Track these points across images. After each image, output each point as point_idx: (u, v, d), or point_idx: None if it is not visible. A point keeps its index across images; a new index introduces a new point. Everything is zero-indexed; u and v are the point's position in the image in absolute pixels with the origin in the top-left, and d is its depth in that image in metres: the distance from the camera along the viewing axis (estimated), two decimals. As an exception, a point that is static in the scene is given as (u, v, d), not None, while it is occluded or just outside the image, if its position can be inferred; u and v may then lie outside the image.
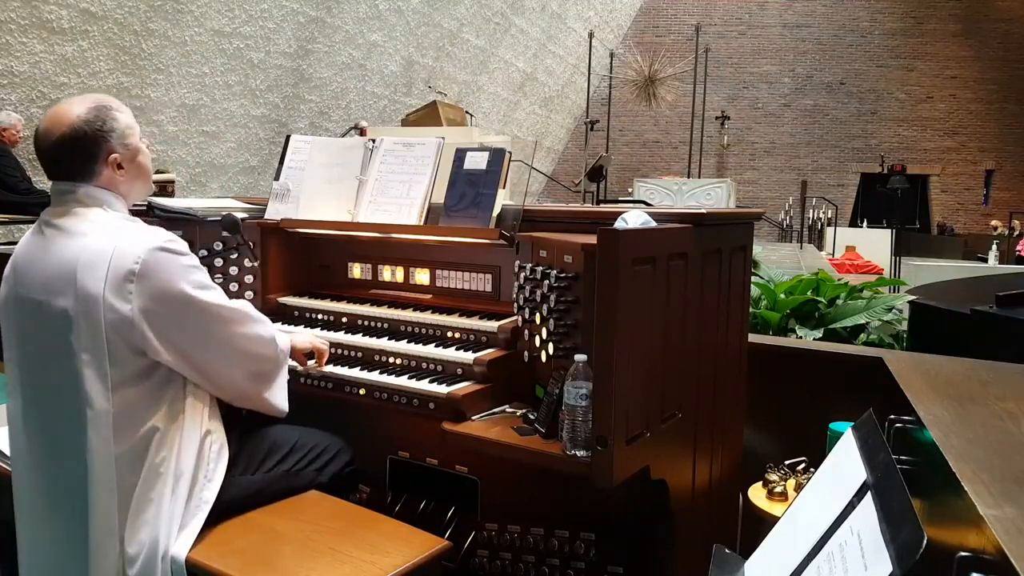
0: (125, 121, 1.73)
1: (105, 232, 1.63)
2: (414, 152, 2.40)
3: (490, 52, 13.11)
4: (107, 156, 1.69)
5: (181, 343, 1.64)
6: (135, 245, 1.59)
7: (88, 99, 1.71)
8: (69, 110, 1.67)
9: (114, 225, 1.65)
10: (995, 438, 1.38)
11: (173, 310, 1.62)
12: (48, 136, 1.66)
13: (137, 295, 1.57)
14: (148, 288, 1.58)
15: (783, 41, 17.17)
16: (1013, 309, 3.08)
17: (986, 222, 15.78)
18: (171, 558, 1.62)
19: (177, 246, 1.65)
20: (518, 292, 1.96)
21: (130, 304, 1.56)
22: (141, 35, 7.29)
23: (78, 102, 1.69)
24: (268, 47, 8.77)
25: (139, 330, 1.57)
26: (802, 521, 1.27)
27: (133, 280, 1.57)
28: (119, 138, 1.70)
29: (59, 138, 1.65)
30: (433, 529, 1.87)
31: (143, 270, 1.57)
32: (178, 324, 1.63)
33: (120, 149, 1.71)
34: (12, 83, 6.52)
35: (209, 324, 1.68)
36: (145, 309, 1.58)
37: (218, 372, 1.72)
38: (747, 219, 2.30)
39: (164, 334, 1.61)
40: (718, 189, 11.77)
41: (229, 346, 1.73)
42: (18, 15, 6.24)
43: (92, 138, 1.66)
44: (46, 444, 1.68)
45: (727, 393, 2.15)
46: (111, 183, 1.71)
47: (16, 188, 6.24)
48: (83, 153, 1.67)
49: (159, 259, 1.60)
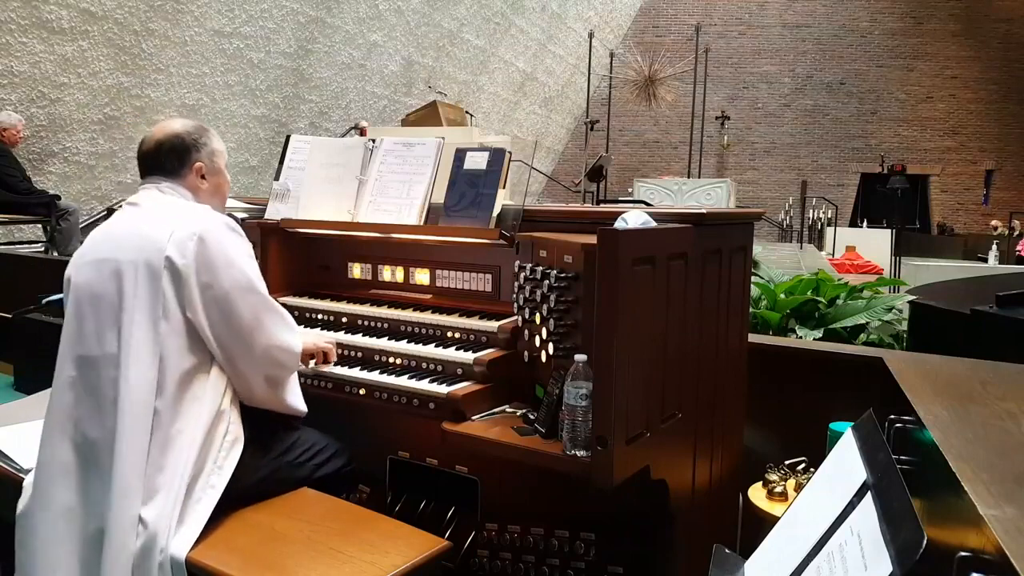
0: (219, 146, 1.99)
1: (177, 207, 1.84)
2: (414, 152, 2.40)
3: (490, 52, 13.10)
4: (195, 163, 1.92)
5: (219, 310, 1.74)
6: (204, 216, 1.80)
7: (192, 121, 2.01)
8: (174, 123, 1.96)
9: (187, 204, 1.88)
10: (995, 438, 1.38)
11: (224, 278, 1.74)
12: (151, 139, 1.92)
13: (196, 254, 1.72)
14: (207, 252, 1.73)
15: (783, 41, 17.17)
16: (1013, 309, 3.08)
17: (986, 222, 15.78)
18: (170, 556, 1.62)
19: (241, 231, 1.84)
20: (518, 292, 1.96)
21: (186, 259, 1.71)
22: (141, 35, 7.29)
23: (183, 120, 1.98)
24: (268, 47, 8.77)
25: (188, 284, 1.71)
26: (802, 521, 1.27)
27: (194, 240, 1.72)
28: (209, 154, 1.95)
29: (160, 140, 1.90)
30: (433, 529, 1.87)
31: (205, 235, 1.74)
32: (224, 292, 1.74)
33: (207, 162, 1.94)
34: (12, 83, 6.52)
35: (250, 303, 1.79)
36: (199, 268, 1.72)
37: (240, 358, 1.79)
38: (747, 219, 2.30)
39: (207, 296, 1.73)
40: (718, 189, 11.77)
41: (257, 333, 1.80)
42: (18, 15, 6.24)
43: (188, 145, 1.92)
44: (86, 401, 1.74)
45: (727, 393, 2.15)
46: (193, 187, 1.92)
47: (16, 188, 6.24)
48: (177, 155, 1.90)
49: (223, 231, 1.78)
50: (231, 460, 1.75)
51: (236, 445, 1.77)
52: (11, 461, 2.09)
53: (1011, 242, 13.47)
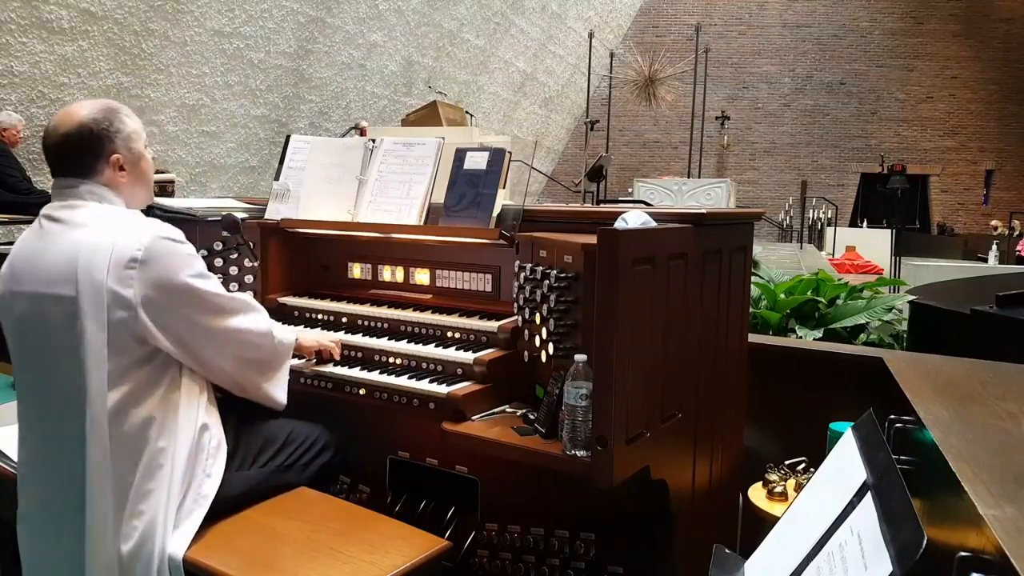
0: (132, 126, 1.77)
1: (106, 223, 1.66)
2: (414, 152, 2.40)
3: (490, 52, 13.10)
4: (110, 156, 1.72)
5: (179, 330, 1.67)
6: (137, 234, 1.63)
7: (99, 102, 1.76)
8: (78, 109, 1.72)
9: (114, 217, 1.69)
10: (995, 438, 1.38)
11: (173, 297, 1.65)
12: (55, 132, 1.70)
13: (139, 281, 1.60)
14: (149, 275, 1.61)
15: (783, 41, 17.17)
16: (1013, 309, 3.08)
17: (986, 222, 15.78)
18: (168, 557, 1.62)
19: (177, 235, 1.68)
20: (518, 292, 1.96)
21: (132, 289, 1.59)
22: (141, 35, 7.28)
23: (88, 103, 1.74)
24: (268, 47, 8.77)
25: (140, 316, 1.60)
26: (802, 521, 1.27)
27: (135, 267, 1.60)
28: (124, 140, 1.74)
29: (65, 134, 1.69)
30: (433, 529, 1.87)
31: (145, 257, 1.60)
32: (176, 311, 1.66)
33: (124, 151, 1.74)
34: (12, 83, 6.52)
35: (206, 312, 1.71)
36: (146, 295, 1.61)
37: (213, 360, 1.75)
38: (747, 219, 2.30)
39: (163, 320, 1.64)
40: (718, 189, 11.76)
41: (224, 335, 1.75)
42: (18, 15, 6.23)
43: (97, 136, 1.70)
44: (48, 438, 1.69)
45: (727, 393, 2.15)
46: (112, 183, 1.73)
47: (16, 188, 6.24)
48: (87, 150, 1.70)
49: (160, 247, 1.63)
50: (219, 465, 1.73)
51: (221, 449, 1.75)
52: (11, 461, 2.09)
53: (1011, 242, 13.46)
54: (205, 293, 1.70)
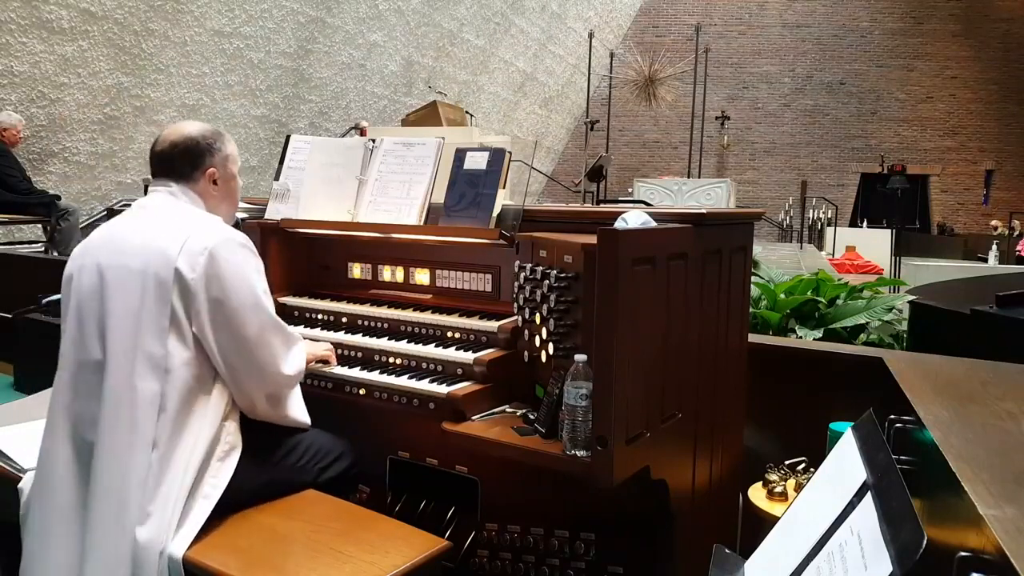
0: (233, 151, 1.98)
1: (192, 216, 1.81)
2: (414, 152, 2.40)
3: (490, 52, 13.10)
4: (207, 168, 1.90)
5: (226, 327, 1.73)
6: (217, 230, 1.77)
7: (208, 125, 1.98)
8: (191, 124, 1.94)
9: (197, 213, 1.84)
10: (995, 438, 1.38)
11: (233, 295, 1.72)
12: (165, 141, 1.90)
13: (206, 269, 1.69)
14: (217, 268, 1.71)
15: (783, 41, 17.16)
16: (1013, 309, 3.08)
17: (986, 222, 15.77)
18: (168, 556, 1.62)
19: (253, 247, 1.82)
20: (518, 292, 1.96)
21: (196, 274, 1.69)
22: (141, 35, 7.28)
23: (199, 124, 1.96)
24: (268, 47, 8.77)
25: (197, 299, 1.69)
26: (802, 521, 1.27)
27: (205, 255, 1.70)
28: (223, 159, 1.93)
29: (174, 142, 1.88)
30: (433, 529, 1.87)
31: (216, 251, 1.71)
32: (232, 309, 1.72)
33: (220, 168, 1.92)
34: (12, 83, 6.52)
35: (257, 322, 1.77)
36: (208, 283, 1.70)
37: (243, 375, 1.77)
38: (747, 219, 2.30)
39: (215, 312, 1.71)
40: (718, 189, 11.76)
41: (261, 351, 1.78)
42: (18, 15, 6.24)
43: (202, 149, 1.89)
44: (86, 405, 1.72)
45: (727, 393, 2.15)
46: (203, 193, 1.90)
47: (16, 188, 6.24)
48: (190, 158, 1.88)
49: (234, 248, 1.76)
50: (226, 471, 1.74)
51: (232, 454, 1.76)
52: (11, 461, 2.09)
53: (1011, 242, 13.46)
54: (262, 303, 1.79)
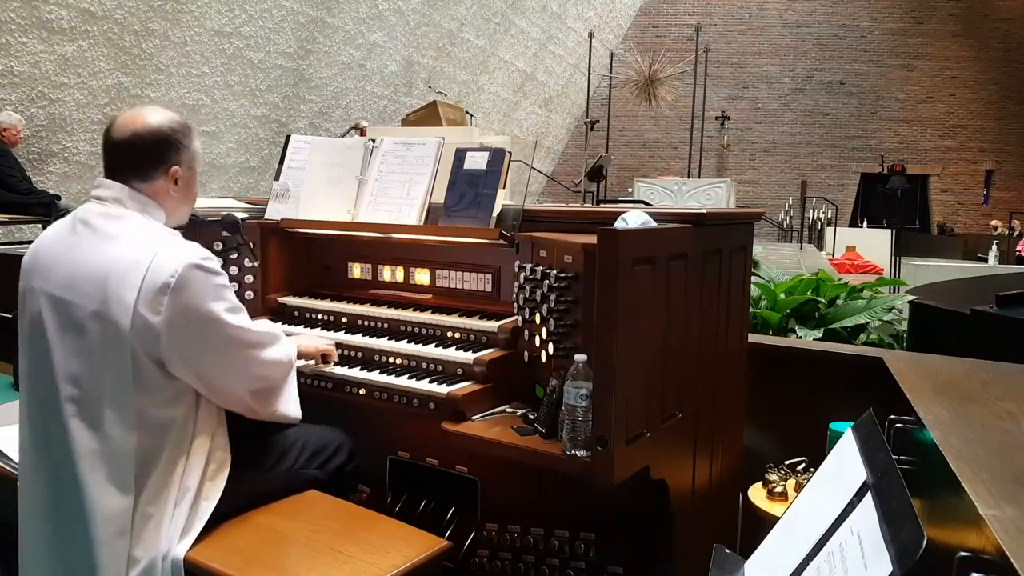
0: (197, 147, 1.79)
1: (142, 240, 1.62)
2: (414, 152, 2.40)
3: (490, 52, 13.10)
4: (171, 167, 1.72)
5: (199, 359, 1.64)
6: (172, 259, 1.58)
7: (173, 113, 1.76)
8: (155, 112, 1.72)
9: (151, 234, 1.65)
10: (995, 438, 1.38)
11: (198, 327, 1.61)
12: (125, 128, 1.68)
13: (167, 308, 1.56)
14: (179, 303, 1.57)
15: (783, 41, 17.16)
16: (1013, 309, 3.08)
17: (986, 222, 15.77)
18: (170, 558, 1.62)
19: (212, 264, 1.65)
20: (518, 292, 1.96)
21: (160, 316, 1.56)
22: (141, 35, 7.28)
23: (162, 110, 1.74)
24: (268, 47, 8.77)
25: (162, 342, 1.57)
26: (802, 521, 1.27)
27: (167, 294, 1.56)
28: (189, 158, 1.76)
29: (138, 132, 1.68)
30: (433, 529, 1.87)
31: (177, 284, 1.57)
32: (200, 341, 1.63)
33: (184, 167, 1.74)
34: (12, 83, 6.52)
35: (230, 346, 1.68)
36: (171, 322, 1.57)
37: (231, 391, 1.73)
38: (747, 219, 2.30)
39: (184, 349, 1.61)
40: (718, 189, 11.76)
41: (246, 368, 1.73)
42: (18, 15, 6.24)
43: (168, 144, 1.70)
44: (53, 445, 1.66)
45: (727, 393, 2.15)
46: (161, 194, 1.72)
47: (16, 188, 6.24)
48: (154, 153, 1.69)
49: (194, 276, 1.59)
50: (217, 488, 1.70)
51: (222, 470, 1.72)
52: (11, 461, 2.09)
53: (1011, 242, 13.46)
54: (231, 327, 1.66)
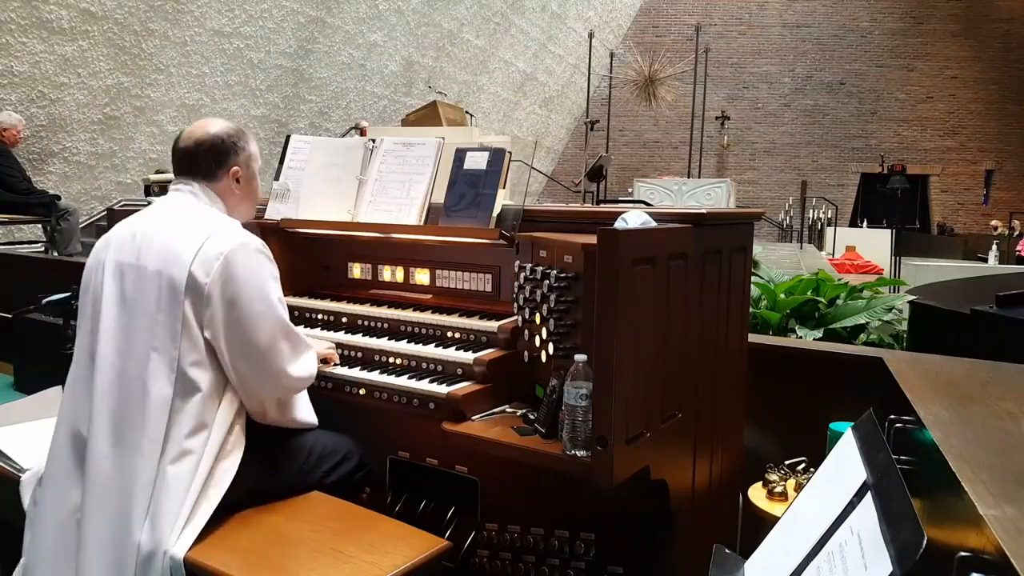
0: (255, 150, 1.99)
1: (209, 220, 1.81)
2: (414, 152, 2.40)
3: (490, 52, 13.10)
4: (231, 167, 1.91)
5: (237, 332, 1.72)
6: (233, 235, 1.76)
7: (231, 122, 1.98)
8: (215, 122, 1.94)
9: (217, 217, 1.84)
10: (995, 438, 1.38)
11: (246, 300, 1.73)
12: (190, 138, 1.90)
13: (220, 273, 1.70)
14: (231, 273, 1.71)
15: (783, 41, 17.16)
16: (1013, 309, 3.08)
17: (986, 222, 15.77)
18: (170, 557, 1.62)
19: (270, 253, 1.82)
20: (518, 292, 1.96)
21: (210, 278, 1.69)
22: (141, 35, 7.29)
23: (222, 121, 1.96)
24: (268, 47, 8.77)
25: (210, 304, 1.69)
26: (802, 521, 1.27)
27: (220, 259, 1.70)
28: (246, 159, 1.95)
29: (199, 140, 1.89)
30: (433, 529, 1.87)
31: (231, 256, 1.72)
32: (244, 315, 1.72)
33: (243, 167, 1.94)
34: (12, 83, 6.52)
35: (269, 329, 1.76)
36: (222, 288, 1.70)
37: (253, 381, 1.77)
38: (747, 219, 2.29)
39: (228, 317, 1.71)
40: (718, 189, 11.75)
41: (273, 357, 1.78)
42: (18, 15, 6.24)
43: (227, 148, 1.91)
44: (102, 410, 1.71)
45: (727, 393, 2.15)
46: (225, 192, 1.92)
47: (16, 188, 6.25)
48: (214, 157, 1.89)
49: (251, 255, 1.76)
50: (227, 474, 1.73)
51: (232, 456, 1.75)
52: (11, 461, 2.10)
53: (1011, 242, 13.46)
54: (276, 311, 1.78)
